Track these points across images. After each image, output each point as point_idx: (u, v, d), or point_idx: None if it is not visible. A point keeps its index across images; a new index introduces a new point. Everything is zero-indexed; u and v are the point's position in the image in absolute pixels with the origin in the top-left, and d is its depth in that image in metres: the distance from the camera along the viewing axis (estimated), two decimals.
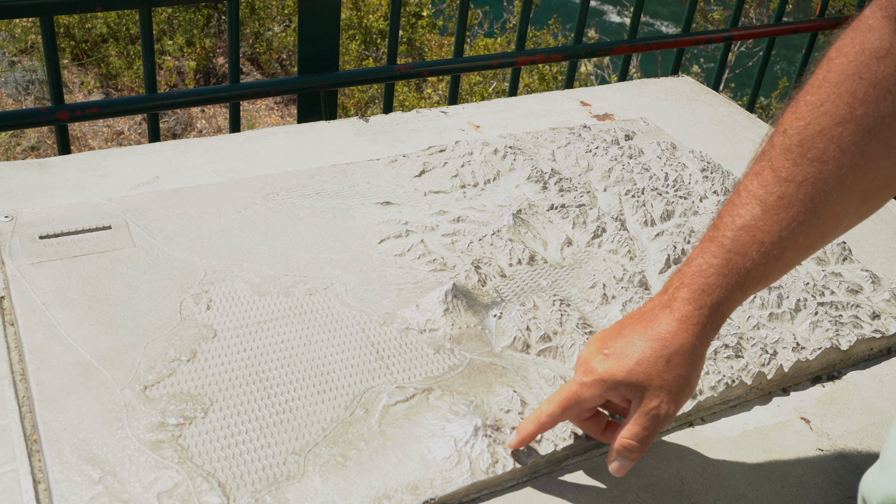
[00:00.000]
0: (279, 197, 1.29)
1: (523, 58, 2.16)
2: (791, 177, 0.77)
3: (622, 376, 0.81)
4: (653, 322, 0.82)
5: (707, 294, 0.80)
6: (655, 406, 0.81)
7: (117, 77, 5.50)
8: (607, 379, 0.82)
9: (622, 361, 0.81)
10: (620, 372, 0.81)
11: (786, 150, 0.77)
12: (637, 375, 0.80)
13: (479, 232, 1.25)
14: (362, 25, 5.85)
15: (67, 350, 0.96)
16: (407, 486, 0.86)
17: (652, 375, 0.80)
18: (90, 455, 0.84)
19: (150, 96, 1.74)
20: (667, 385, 0.80)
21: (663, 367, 0.80)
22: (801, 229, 0.78)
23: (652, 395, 0.81)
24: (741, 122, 1.77)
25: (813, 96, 0.77)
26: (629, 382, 0.81)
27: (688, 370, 0.81)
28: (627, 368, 0.81)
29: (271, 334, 1.03)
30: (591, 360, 0.84)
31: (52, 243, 1.12)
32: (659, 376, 0.80)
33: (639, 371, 0.80)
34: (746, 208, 0.80)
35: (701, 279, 0.80)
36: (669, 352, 0.80)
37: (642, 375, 0.80)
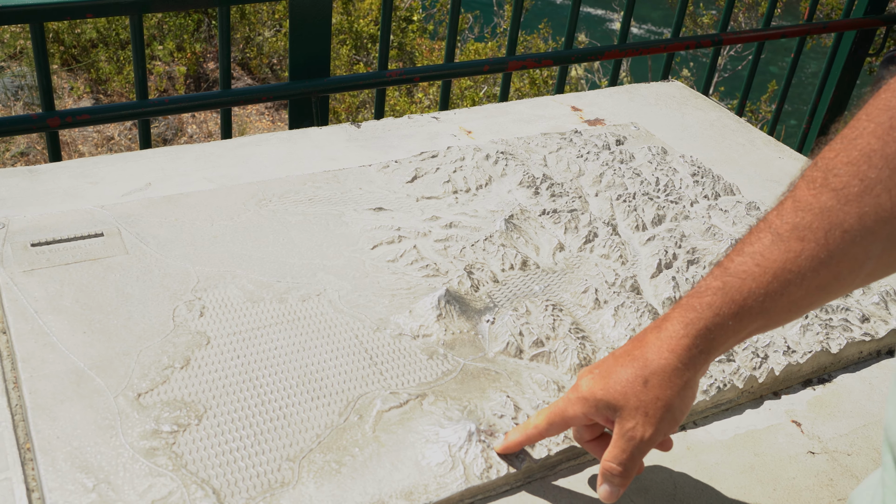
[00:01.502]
0: (271, 203, 1.29)
1: (514, 63, 2.17)
2: (808, 206, 0.73)
3: (601, 395, 0.80)
4: (641, 342, 0.81)
5: (697, 313, 0.77)
6: (631, 427, 0.79)
7: (107, 82, 5.49)
8: (588, 397, 0.81)
9: (604, 380, 0.81)
10: (600, 390, 0.80)
11: (810, 181, 0.73)
12: (614, 394, 0.79)
13: (472, 237, 1.26)
14: (353, 30, 5.85)
15: (60, 358, 0.96)
16: (401, 492, 0.86)
17: (629, 395, 0.79)
18: (84, 463, 0.84)
19: (142, 102, 1.74)
20: (643, 406, 0.78)
21: (640, 388, 0.78)
22: (810, 265, 0.73)
23: (628, 416, 0.79)
24: (731, 126, 1.78)
25: (850, 130, 0.72)
26: (606, 401, 0.80)
27: (668, 393, 0.78)
28: (606, 387, 0.80)
29: (265, 341, 1.03)
30: (582, 377, 0.83)
31: (44, 251, 1.12)
32: (636, 396, 0.78)
33: (616, 390, 0.79)
34: (758, 236, 0.76)
35: (694, 299, 0.78)
36: (648, 372, 0.78)
37: (619, 395, 0.79)
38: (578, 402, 0.82)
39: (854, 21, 2.68)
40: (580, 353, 1.05)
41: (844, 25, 2.69)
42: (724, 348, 0.79)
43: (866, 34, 2.73)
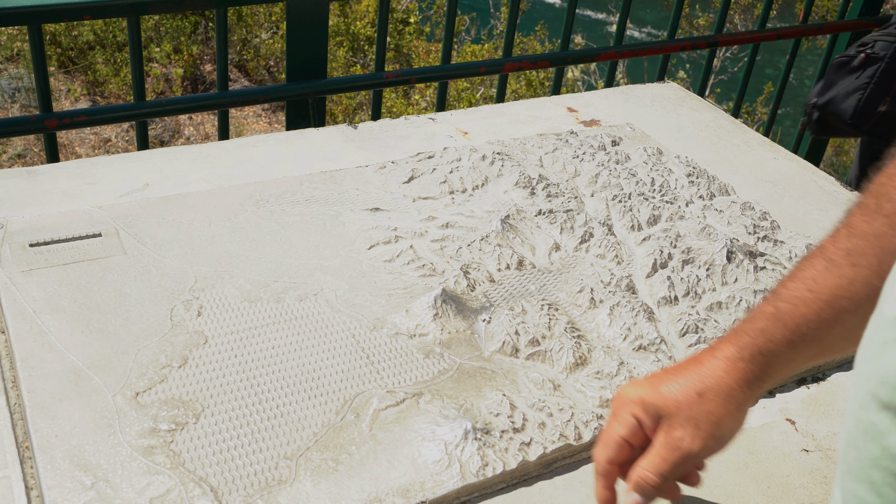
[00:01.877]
0: (269, 204, 1.30)
1: (510, 64, 2.17)
2: (861, 232, 0.71)
3: (650, 399, 0.77)
4: (695, 360, 0.78)
5: (750, 338, 0.75)
6: (679, 437, 0.75)
7: (104, 84, 5.49)
8: (636, 401, 0.78)
9: (653, 387, 0.78)
10: (649, 395, 0.77)
11: (863, 207, 0.72)
12: (666, 401, 0.76)
13: (468, 237, 1.26)
14: (350, 32, 5.86)
15: (59, 357, 0.97)
16: (398, 490, 0.87)
17: (681, 404, 0.75)
18: (82, 461, 0.85)
19: (139, 104, 1.75)
20: (695, 418, 0.75)
21: (694, 399, 0.75)
22: (864, 291, 0.70)
23: (677, 425, 0.75)
24: (726, 127, 1.78)
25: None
26: (656, 406, 0.76)
27: (721, 410, 0.75)
28: (657, 393, 0.77)
29: (262, 340, 1.03)
30: (623, 388, 0.81)
31: (42, 251, 1.13)
32: (688, 407, 0.75)
33: (669, 396, 0.76)
34: (811, 262, 0.74)
35: (747, 324, 0.76)
36: (703, 386, 0.75)
37: (671, 402, 0.76)
38: (624, 406, 0.79)
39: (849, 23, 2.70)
40: (575, 352, 1.06)
41: (840, 27, 2.70)
42: (780, 376, 0.76)
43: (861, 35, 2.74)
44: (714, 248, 1.27)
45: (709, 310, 1.18)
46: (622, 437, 0.78)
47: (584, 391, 1.02)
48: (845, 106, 1.84)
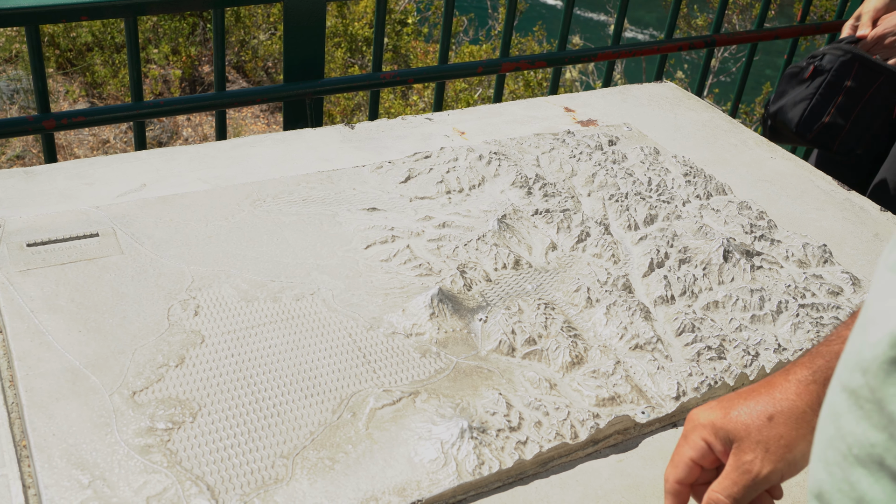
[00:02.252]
0: (266, 204, 1.30)
1: (507, 64, 2.18)
2: None
3: (720, 423, 0.77)
4: (768, 383, 0.78)
5: (825, 361, 0.74)
6: (749, 461, 0.75)
7: (102, 86, 5.49)
8: (707, 425, 0.78)
9: (724, 410, 0.78)
10: (720, 419, 0.78)
11: None
12: (735, 424, 0.76)
13: (465, 237, 1.26)
14: (348, 33, 5.86)
15: (56, 356, 0.97)
16: (394, 489, 0.87)
17: (751, 428, 0.76)
18: (79, 460, 0.85)
19: (137, 105, 1.75)
20: (764, 441, 0.75)
21: (764, 423, 0.75)
22: None
23: (747, 449, 0.75)
24: (723, 126, 1.79)
25: None
26: (726, 430, 0.77)
27: (792, 433, 0.74)
28: (727, 417, 0.77)
29: (259, 339, 1.04)
30: (695, 412, 0.81)
31: (39, 251, 1.13)
32: (758, 430, 0.75)
33: (738, 421, 0.77)
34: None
35: (824, 347, 0.76)
36: (774, 410, 0.75)
37: (740, 426, 0.76)
38: (695, 430, 0.79)
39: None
40: (572, 351, 1.06)
41: (837, 27, 2.70)
42: None
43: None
44: (711, 248, 1.27)
45: (705, 309, 1.18)
46: (692, 459, 0.80)
47: (580, 390, 1.02)
48: (792, 115, 1.93)
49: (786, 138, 2.02)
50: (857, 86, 1.87)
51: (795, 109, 1.93)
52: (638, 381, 1.05)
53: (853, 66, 1.85)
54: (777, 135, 1.98)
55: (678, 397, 1.03)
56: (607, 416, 0.98)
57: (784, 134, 2.00)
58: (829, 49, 1.93)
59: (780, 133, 1.98)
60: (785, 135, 2.01)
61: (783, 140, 2.00)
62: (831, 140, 1.89)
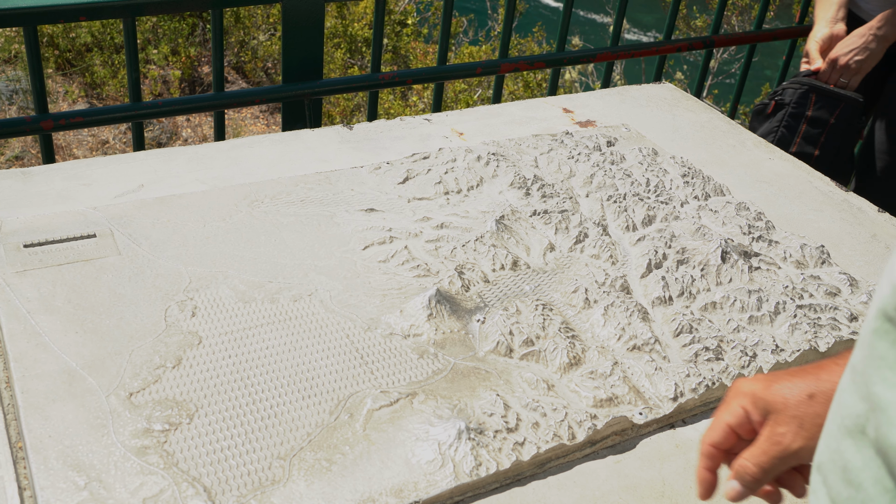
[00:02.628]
0: (264, 204, 1.30)
1: (506, 65, 2.18)
2: None
3: (761, 394, 0.79)
4: (817, 367, 0.79)
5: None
6: (782, 433, 0.76)
7: (102, 86, 5.49)
8: (748, 393, 0.80)
9: (767, 383, 0.79)
10: (761, 390, 0.79)
11: None
12: (775, 397, 0.78)
13: (463, 238, 1.26)
14: (347, 34, 5.86)
15: (52, 358, 0.97)
16: (391, 490, 0.87)
17: (789, 402, 0.77)
18: (76, 461, 0.85)
19: (135, 105, 1.75)
20: (800, 417, 0.76)
21: (803, 399, 0.76)
22: None
23: (782, 421, 0.77)
24: (721, 128, 1.79)
25: None
26: (766, 401, 0.78)
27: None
28: (769, 389, 0.78)
29: (256, 341, 1.03)
30: (739, 381, 0.82)
31: (36, 252, 1.13)
32: (796, 406, 0.76)
33: (778, 393, 0.78)
34: None
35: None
36: (816, 389, 0.76)
37: (780, 399, 0.77)
38: (735, 397, 0.81)
39: None
40: (570, 352, 1.06)
41: None
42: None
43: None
44: (709, 249, 1.27)
45: (703, 310, 1.18)
46: (728, 425, 0.81)
47: (577, 391, 1.02)
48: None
49: None
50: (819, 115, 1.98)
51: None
52: (636, 382, 1.04)
53: (810, 96, 1.98)
54: None
55: (676, 398, 1.03)
56: (605, 417, 0.98)
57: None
58: (788, 84, 2.05)
59: None
60: None
61: None
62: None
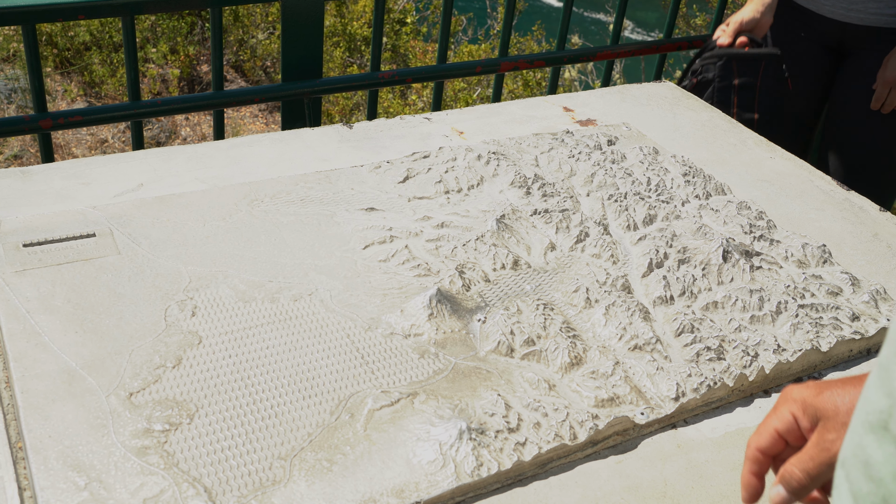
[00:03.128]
0: (263, 203, 1.30)
1: (506, 64, 2.17)
2: None
3: (811, 400, 0.79)
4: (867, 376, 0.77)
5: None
6: (831, 440, 0.76)
7: (101, 85, 5.48)
8: (798, 399, 0.80)
9: (818, 391, 0.79)
10: (812, 397, 0.79)
11: None
12: (826, 404, 0.78)
13: (463, 237, 1.26)
14: (346, 32, 5.85)
15: (52, 357, 0.96)
16: (392, 490, 0.87)
17: (840, 410, 0.77)
18: (76, 462, 0.84)
19: (134, 104, 1.74)
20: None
21: (853, 407, 0.75)
22: None
23: (832, 428, 0.77)
24: (722, 126, 1.78)
25: None
26: (816, 408, 0.78)
27: None
28: (819, 396, 0.79)
29: (256, 340, 1.03)
30: (789, 388, 0.82)
31: (36, 251, 1.12)
32: (846, 413, 0.76)
33: (829, 400, 0.78)
34: None
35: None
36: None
37: (831, 405, 0.78)
38: (785, 403, 0.81)
39: None
40: (571, 352, 1.06)
41: None
42: None
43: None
44: (710, 248, 1.27)
45: (704, 309, 1.18)
46: (777, 430, 0.81)
47: (579, 391, 1.02)
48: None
49: None
50: (745, 81, 1.98)
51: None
52: (637, 381, 1.04)
53: (732, 64, 1.98)
54: None
55: (677, 398, 1.02)
56: (606, 417, 0.98)
57: None
58: (703, 61, 2.04)
59: None
60: None
61: None
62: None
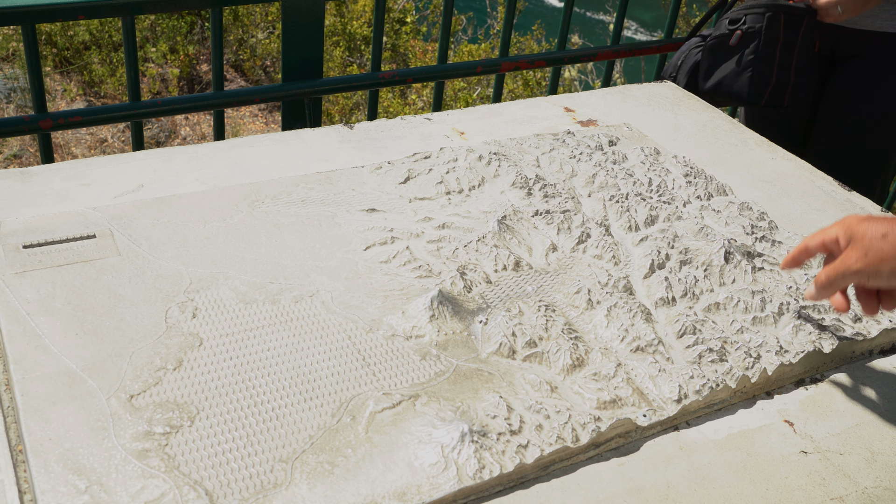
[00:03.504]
0: (264, 205, 1.29)
1: (507, 64, 2.17)
2: None
3: (852, 226, 1.01)
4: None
5: None
6: (849, 256, 1.00)
7: (100, 84, 5.47)
8: (844, 222, 1.03)
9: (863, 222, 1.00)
10: (854, 224, 1.01)
11: None
12: (859, 229, 1.00)
13: (465, 238, 1.26)
14: (346, 32, 5.85)
15: (52, 360, 0.96)
16: (394, 493, 0.86)
17: (866, 237, 0.99)
18: (76, 465, 0.84)
19: (134, 104, 1.74)
20: (868, 249, 0.98)
21: (877, 236, 0.98)
22: None
23: (854, 248, 1.00)
24: (723, 126, 1.78)
25: None
26: (852, 231, 1.01)
27: (892, 252, 0.97)
28: (859, 225, 1.00)
29: (257, 342, 1.03)
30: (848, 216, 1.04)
31: (36, 252, 1.12)
32: (869, 239, 0.99)
33: (863, 228, 1.00)
34: None
35: None
36: (890, 231, 0.97)
37: (861, 233, 1.00)
38: (838, 224, 1.04)
39: None
40: (573, 354, 1.05)
41: None
42: None
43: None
44: (712, 249, 1.27)
45: (706, 311, 1.18)
46: (822, 240, 1.06)
47: (581, 393, 1.01)
48: (738, 87, 1.92)
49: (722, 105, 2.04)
50: (789, 38, 1.87)
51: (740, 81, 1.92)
52: (639, 383, 1.04)
53: (779, 19, 1.85)
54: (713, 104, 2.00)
55: (680, 400, 1.02)
56: (608, 419, 0.97)
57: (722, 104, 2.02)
58: (745, 11, 1.90)
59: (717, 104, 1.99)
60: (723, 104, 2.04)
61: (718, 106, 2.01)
62: (780, 97, 1.92)
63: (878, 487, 0.97)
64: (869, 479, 0.98)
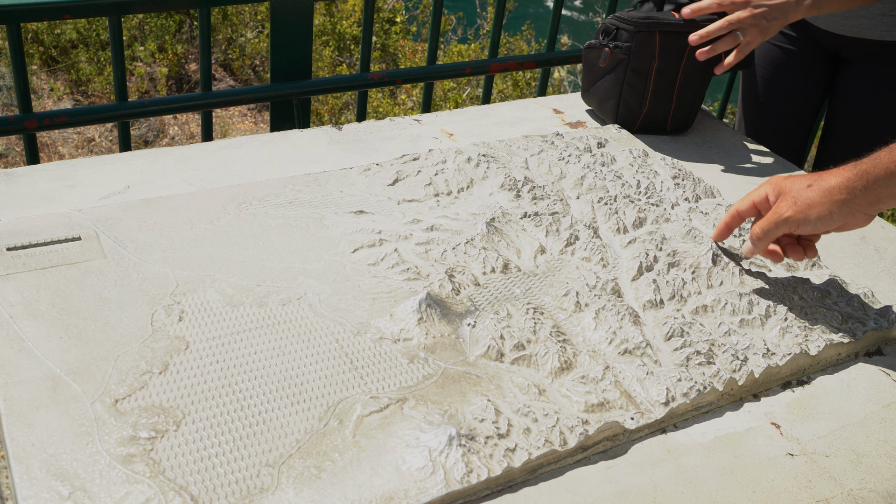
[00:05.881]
0: (252, 206, 1.29)
1: (496, 65, 2.17)
2: None
3: (780, 182, 1.14)
4: (826, 171, 1.10)
5: (865, 162, 1.06)
6: (781, 206, 1.12)
7: (87, 83, 5.44)
8: (772, 181, 1.16)
9: (787, 179, 1.13)
10: (781, 179, 1.15)
11: None
12: (786, 185, 1.13)
13: (453, 240, 1.25)
14: (336, 31, 5.83)
15: (36, 364, 0.95)
16: (381, 497, 0.86)
17: (793, 189, 1.11)
18: (60, 471, 0.83)
19: (121, 105, 1.73)
20: (796, 197, 1.10)
21: (803, 187, 1.10)
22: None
23: (783, 199, 1.12)
24: (711, 128, 1.78)
25: None
26: (780, 187, 1.14)
27: (816, 198, 1.08)
28: (785, 180, 1.14)
29: (244, 345, 1.02)
30: (773, 177, 1.18)
31: (20, 255, 1.11)
32: (797, 190, 1.11)
33: (788, 184, 1.13)
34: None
35: (866, 156, 1.06)
36: (813, 181, 1.09)
37: (788, 186, 1.13)
38: (765, 184, 1.17)
39: None
40: (561, 357, 1.05)
41: None
42: (879, 196, 1.05)
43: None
44: (699, 251, 1.27)
45: (694, 313, 1.18)
46: (753, 201, 1.18)
47: (569, 396, 1.01)
48: (606, 109, 1.70)
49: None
50: (666, 66, 1.59)
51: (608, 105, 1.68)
52: (627, 386, 1.04)
53: (654, 39, 1.55)
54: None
55: (667, 403, 1.02)
56: (596, 423, 0.97)
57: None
58: (620, 22, 1.59)
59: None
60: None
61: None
62: (662, 123, 1.69)
63: (863, 489, 0.98)
64: (854, 482, 0.99)
